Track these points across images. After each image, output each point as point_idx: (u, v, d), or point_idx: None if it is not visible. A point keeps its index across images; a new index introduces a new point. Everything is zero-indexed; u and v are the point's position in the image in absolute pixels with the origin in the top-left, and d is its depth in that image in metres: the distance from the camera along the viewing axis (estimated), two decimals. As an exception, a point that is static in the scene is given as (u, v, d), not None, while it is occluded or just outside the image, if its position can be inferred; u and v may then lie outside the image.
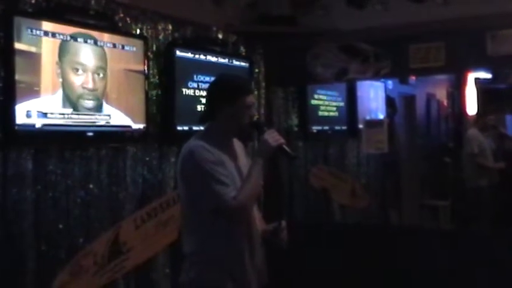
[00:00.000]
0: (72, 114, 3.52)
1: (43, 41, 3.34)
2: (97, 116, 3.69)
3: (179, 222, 3.63)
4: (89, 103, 3.63)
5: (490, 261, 4.26)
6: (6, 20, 3.17)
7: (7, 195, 3.25)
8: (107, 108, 3.76)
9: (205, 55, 4.58)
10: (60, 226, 3.54)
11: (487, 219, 5.83)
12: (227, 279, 2.67)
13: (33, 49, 3.29)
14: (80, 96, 3.58)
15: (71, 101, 3.51)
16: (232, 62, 4.85)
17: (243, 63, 4.99)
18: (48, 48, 3.37)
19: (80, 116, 3.57)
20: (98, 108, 3.70)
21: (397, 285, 4.58)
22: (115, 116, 3.82)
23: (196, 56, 4.50)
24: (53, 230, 3.49)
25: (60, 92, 3.44)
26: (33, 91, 3.30)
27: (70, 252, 3.55)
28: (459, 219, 6.25)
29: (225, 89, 2.77)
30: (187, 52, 4.41)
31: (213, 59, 4.65)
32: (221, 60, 4.73)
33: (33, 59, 3.31)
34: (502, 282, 4.21)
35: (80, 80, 3.57)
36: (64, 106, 3.47)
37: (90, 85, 3.65)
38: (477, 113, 6.67)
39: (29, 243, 3.35)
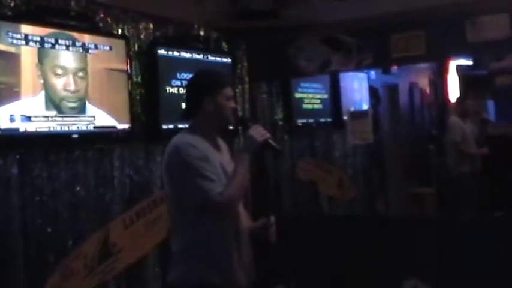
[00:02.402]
0: (56, 117, 3.49)
1: (23, 43, 3.31)
2: (81, 118, 3.66)
3: (168, 221, 3.61)
4: (72, 105, 3.61)
5: (475, 247, 4.29)
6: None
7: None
8: (91, 109, 3.73)
9: (187, 53, 4.57)
10: (49, 230, 3.51)
11: (471, 206, 5.86)
12: (215, 275, 2.68)
13: (12, 50, 3.26)
14: (63, 98, 3.55)
15: (53, 103, 3.49)
16: (215, 59, 4.84)
17: (225, 60, 4.98)
18: (27, 50, 3.34)
19: (64, 119, 3.55)
20: (82, 110, 3.67)
21: (386, 273, 4.60)
22: (99, 117, 3.79)
23: (179, 54, 4.49)
24: (42, 234, 3.46)
25: (42, 94, 3.42)
26: (13, 92, 3.27)
27: (59, 256, 3.53)
28: (444, 206, 6.28)
29: (204, 83, 2.79)
30: (169, 50, 4.41)
31: (196, 56, 4.65)
32: (204, 57, 4.72)
33: (13, 60, 3.27)
34: (488, 268, 4.24)
35: (61, 82, 3.55)
36: (49, 108, 3.44)
37: (72, 87, 3.62)
38: (457, 100, 6.68)
39: (18, 248, 3.33)
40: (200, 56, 4.69)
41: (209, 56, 4.78)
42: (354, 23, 4.94)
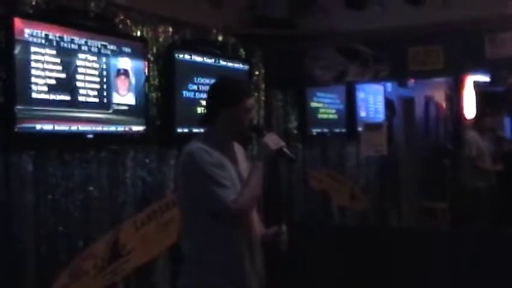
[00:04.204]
0: (72, 116, 3.49)
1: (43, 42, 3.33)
2: (97, 119, 3.67)
3: (179, 225, 3.62)
4: (89, 105, 3.61)
5: (487, 262, 4.26)
6: (7, 22, 3.15)
7: (7, 198, 3.22)
8: (107, 110, 3.74)
9: (205, 57, 4.57)
10: (60, 228, 3.51)
11: (485, 221, 5.83)
12: (226, 282, 2.67)
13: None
14: (82, 99, 3.57)
15: (71, 103, 3.50)
16: (231, 65, 4.84)
17: (242, 66, 4.98)
18: (48, 50, 3.36)
19: (80, 119, 3.55)
20: (98, 111, 3.68)
21: (396, 286, 4.58)
22: (115, 119, 3.80)
23: (196, 59, 4.49)
24: (53, 233, 3.47)
25: (61, 93, 3.43)
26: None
27: (70, 255, 3.53)
28: (457, 221, 6.24)
29: (225, 91, 2.77)
30: (187, 54, 4.41)
31: (213, 61, 4.65)
32: (221, 62, 4.73)
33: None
34: (499, 283, 4.20)
35: (81, 82, 3.56)
36: (65, 108, 3.46)
37: (90, 87, 3.63)
38: (475, 116, 6.66)
39: (29, 246, 3.33)
40: (217, 62, 4.69)
41: (226, 62, 4.79)
42: (371, 34, 4.93)
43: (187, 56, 4.41)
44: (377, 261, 4.61)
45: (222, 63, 4.74)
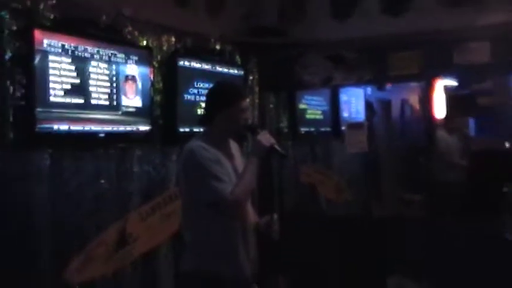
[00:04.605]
0: (85, 117, 3.54)
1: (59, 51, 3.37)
2: (108, 119, 3.72)
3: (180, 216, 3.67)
4: (101, 107, 3.66)
5: (459, 249, 4.32)
6: (28, 34, 3.20)
7: (27, 190, 3.28)
8: (117, 111, 3.80)
9: (204, 64, 4.61)
10: (74, 218, 3.56)
11: (456, 211, 5.90)
12: (223, 267, 2.72)
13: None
14: (94, 102, 3.62)
15: (85, 106, 3.56)
16: (228, 70, 4.89)
17: (238, 71, 5.02)
18: (64, 59, 3.41)
19: (93, 119, 3.60)
20: (109, 112, 3.73)
21: (376, 269, 4.64)
22: (123, 119, 3.85)
23: (196, 65, 4.54)
24: (67, 222, 3.51)
25: (76, 97, 3.49)
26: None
27: (82, 242, 3.57)
28: (431, 211, 6.30)
29: (222, 94, 2.82)
30: (188, 61, 4.45)
31: (212, 67, 4.69)
32: (219, 68, 4.77)
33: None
34: (469, 268, 4.27)
35: (94, 87, 3.61)
36: (79, 110, 3.51)
37: (104, 91, 3.69)
38: (445, 117, 6.75)
39: (46, 234, 3.38)
40: (216, 68, 4.74)
41: (223, 68, 4.83)
42: (355, 42, 4.99)
43: (188, 63, 4.45)
44: (360, 248, 4.67)
45: (220, 69, 4.79)
